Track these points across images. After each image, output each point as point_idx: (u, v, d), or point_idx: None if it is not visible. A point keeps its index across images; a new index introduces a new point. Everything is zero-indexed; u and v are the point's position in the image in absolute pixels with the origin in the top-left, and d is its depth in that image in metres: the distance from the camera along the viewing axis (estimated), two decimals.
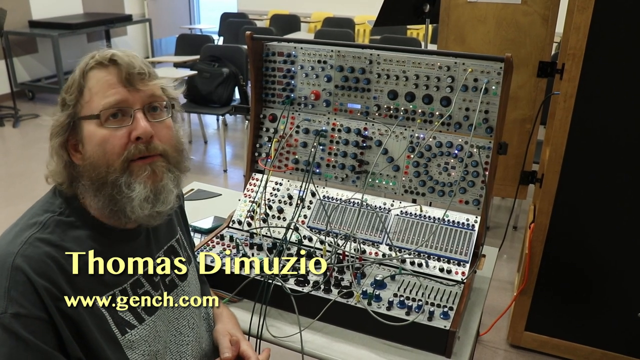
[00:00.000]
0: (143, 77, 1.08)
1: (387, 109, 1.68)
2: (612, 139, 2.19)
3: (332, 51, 1.70)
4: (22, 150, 5.34)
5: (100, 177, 1.05)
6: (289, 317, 1.44)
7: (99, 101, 1.05)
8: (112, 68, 1.07)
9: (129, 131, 1.06)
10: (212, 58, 5.12)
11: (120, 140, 1.05)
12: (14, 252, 0.98)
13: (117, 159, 1.05)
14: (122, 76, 1.06)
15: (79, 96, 1.07)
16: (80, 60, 1.09)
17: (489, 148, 1.58)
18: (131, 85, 1.07)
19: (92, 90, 1.06)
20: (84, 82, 1.07)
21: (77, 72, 1.08)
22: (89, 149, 1.06)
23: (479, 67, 1.55)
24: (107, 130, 1.05)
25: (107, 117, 1.05)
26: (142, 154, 1.07)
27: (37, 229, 1.02)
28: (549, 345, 2.58)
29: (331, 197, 1.72)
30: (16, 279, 0.95)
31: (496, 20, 2.79)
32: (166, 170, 1.11)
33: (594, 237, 2.35)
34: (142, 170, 1.07)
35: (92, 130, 1.06)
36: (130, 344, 1.09)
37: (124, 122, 1.06)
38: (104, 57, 1.07)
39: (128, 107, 1.06)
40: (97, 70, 1.07)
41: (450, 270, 1.51)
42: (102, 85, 1.06)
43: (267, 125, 1.82)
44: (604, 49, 2.08)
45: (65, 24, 6.84)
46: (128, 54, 1.08)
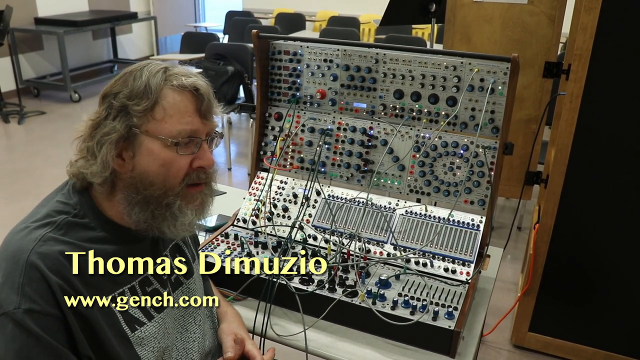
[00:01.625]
0: (211, 111, 1.14)
1: (392, 109, 1.68)
2: (618, 140, 2.18)
3: (338, 50, 1.70)
4: (27, 147, 5.35)
5: (153, 194, 1.08)
6: (293, 315, 1.44)
7: (174, 126, 1.07)
8: (191, 96, 1.09)
9: (193, 159, 1.11)
10: (217, 56, 5.12)
11: (185, 165, 1.10)
12: (28, 249, 0.99)
13: (178, 183, 1.10)
14: (200, 107, 1.10)
15: (149, 110, 1.06)
16: (146, 69, 1.08)
17: (495, 148, 1.57)
18: (204, 118, 1.12)
19: (166, 110, 1.07)
20: (159, 99, 1.07)
21: (152, 85, 1.06)
22: (144, 164, 1.07)
23: (485, 67, 1.54)
24: (173, 153, 1.08)
25: (177, 142, 1.08)
26: (200, 181, 1.14)
27: (50, 229, 1.03)
28: (553, 346, 2.58)
29: (336, 196, 1.72)
30: (30, 275, 0.96)
31: (502, 20, 2.79)
32: (209, 198, 1.18)
33: (598, 238, 2.35)
34: (194, 198, 1.14)
35: (156, 148, 1.07)
36: (140, 341, 1.10)
37: (189, 149, 1.10)
38: (184, 84, 1.08)
39: (198, 138, 1.11)
40: (174, 92, 1.08)
41: (455, 270, 1.51)
42: (179, 109, 1.08)
43: (272, 123, 1.82)
44: (611, 49, 2.07)
45: (71, 21, 6.86)
46: (205, 85, 1.12)
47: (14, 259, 0.98)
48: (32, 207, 1.13)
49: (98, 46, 8.08)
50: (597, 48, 2.07)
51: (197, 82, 1.10)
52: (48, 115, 6.19)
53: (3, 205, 4.04)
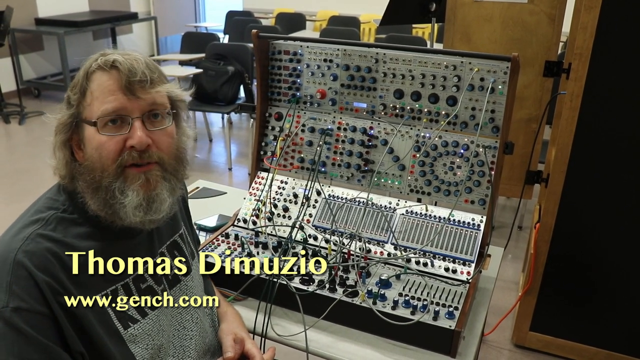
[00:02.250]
0: (144, 85, 1.07)
1: (393, 108, 1.68)
2: (619, 139, 2.18)
3: (338, 50, 1.70)
4: (28, 147, 5.36)
5: (95, 180, 1.06)
6: (293, 315, 1.44)
7: (98, 107, 1.05)
8: (114, 73, 1.06)
9: (125, 139, 1.06)
10: (218, 56, 5.12)
11: (115, 146, 1.06)
12: (16, 248, 0.99)
13: (111, 164, 1.06)
14: (122, 83, 1.05)
15: (81, 97, 1.07)
16: (87, 60, 1.09)
17: (495, 148, 1.57)
18: (131, 93, 1.06)
19: (93, 93, 1.06)
20: (87, 84, 1.07)
21: (82, 73, 1.08)
22: (87, 150, 1.08)
23: (485, 66, 1.54)
24: (104, 136, 1.05)
25: (104, 124, 1.06)
26: (135, 161, 1.07)
27: (39, 225, 1.03)
28: (554, 346, 2.58)
29: (336, 196, 1.72)
30: (18, 273, 0.97)
31: (502, 20, 2.79)
32: (161, 179, 1.11)
33: (599, 237, 2.34)
34: (135, 178, 1.08)
35: (91, 133, 1.07)
36: (133, 338, 1.10)
37: (121, 130, 1.06)
38: (106, 61, 1.06)
39: (126, 115, 1.06)
40: (100, 73, 1.06)
41: (456, 270, 1.51)
42: (103, 90, 1.06)
43: (272, 123, 1.82)
44: (611, 48, 2.07)
45: (71, 21, 6.86)
46: (131, 59, 1.07)
47: (1, 259, 0.99)
48: None
49: (98, 46, 7.98)
50: (597, 47, 2.07)
51: (117, 58, 1.05)
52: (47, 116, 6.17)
53: (3, 205, 4.04)
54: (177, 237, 1.30)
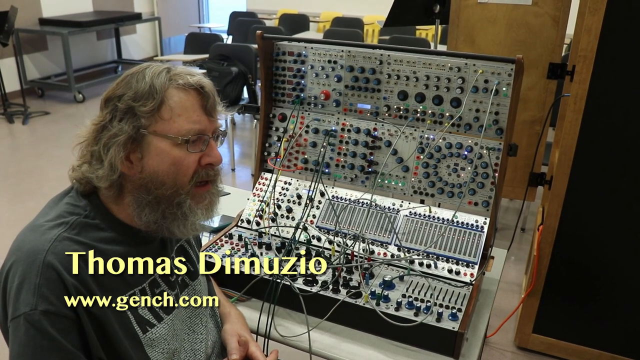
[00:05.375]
0: (216, 108, 1.15)
1: (397, 110, 1.68)
2: (623, 141, 2.17)
3: (342, 51, 1.70)
4: (32, 147, 5.37)
5: (165, 193, 1.08)
6: (297, 316, 1.44)
7: (183, 124, 1.08)
8: (196, 94, 1.10)
9: (201, 156, 1.12)
10: (221, 57, 5.13)
11: (194, 163, 1.11)
12: (44, 249, 0.99)
13: (187, 182, 1.11)
14: (205, 105, 1.11)
15: (156, 111, 1.06)
16: (149, 70, 1.09)
17: (499, 149, 1.57)
18: (209, 115, 1.13)
19: (174, 109, 1.08)
20: (165, 98, 1.07)
21: (157, 85, 1.07)
22: (153, 164, 1.08)
23: (489, 68, 1.54)
24: (183, 152, 1.08)
25: (186, 140, 1.08)
26: (210, 178, 1.15)
27: (64, 228, 1.04)
28: (557, 348, 2.57)
29: (340, 197, 1.72)
30: (47, 276, 0.97)
31: (506, 22, 2.79)
32: (216, 197, 1.19)
33: (603, 239, 2.34)
34: (203, 198, 1.15)
35: (165, 147, 1.07)
36: (151, 342, 1.11)
37: (197, 147, 1.11)
38: (189, 82, 1.09)
39: (205, 135, 1.12)
40: (180, 91, 1.09)
41: (459, 272, 1.51)
42: (186, 108, 1.09)
43: (276, 124, 1.83)
44: (615, 51, 2.07)
45: (75, 21, 6.87)
46: (210, 82, 1.14)
47: (29, 259, 0.98)
48: (37, 208, 1.13)
49: (102, 47, 8.10)
50: (601, 49, 2.07)
51: (201, 80, 1.11)
52: (52, 116, 6.21)
53: (9, 205, 4.04)
54: (184, 242, 1.31)
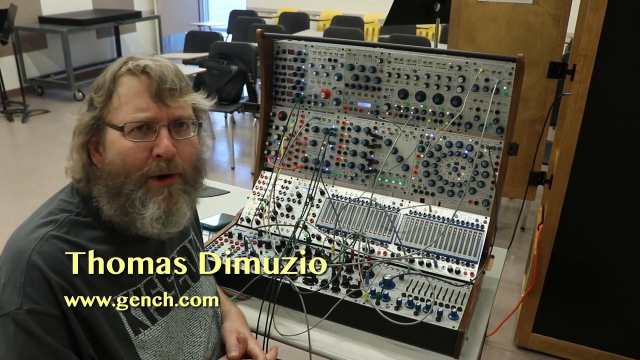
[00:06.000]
0: (173, 93, 1.06)
1: (397, 108, 1.68)
2: (623, 140, 2.17)
3: (342, 49, 1.70)
4: (31, 145, 5.36)
5: (116, 186, 1.04)
6: (297, 315, 1.44)
7: (127, 113, 1.03)
8: (144, 78, 1.04)
9: (151, 147, 1.05)
10: (221, 55, 5.12)
11: (142, 154, 1.04)
12: (29, 248, 0.98)
13: (135, 172, 1.04)
14: (152, 90, 1.04)
15: (107, 100, 1.05)
16: (114, 62, 1.07)
17: (500, 148, 1.57)
18: (160, 101, 1.05)
19: (121, 98, 1.04)
20: (114, 87, 1.04)
21: (109, 75, 1.05)
22: (109, 154, 1.05)
23: (490, 67, 1.54)
24: (130, 142, 1.03)
25: (131, 129, 1.04)
26: (162, 171, 1.06)
27: (53, 227, 1.02)
28: (556, 347, 2.57)
29: (340, 196, 1.71)
30: (31, 275, 0.95)
31: (507, 20, 2.78)
32: (182, 192, 1.10)
33: (603, 239, 2.34)
34: (158, 192, 1.06)
35: (115, 138, 1.04)
36: (143, 344, 1.09)
37: (147, 137, 1.05)
38: (137, 66, 1.04)
39: (154, 123, 1.05)
40: (129, 77, 1.04)
41: (459, 271, 1.50)
42: (132, 95, 1.04)
43: (276, 123, 1.82)
44: (616, 50, 2.06)
45: (75, 20, 6.87)
46: (161, 65, 1.06)
47: (15, 259, 0.97)
48: (36, 206, 1.12)
49: (102, 45, 8.09)
50: (602, 48, 2.07)
51: (148, 64, 1.04)
52: (52, 114, 6.21)
53: (8, 204, 4.04)
54: (186, 243, 1.29)
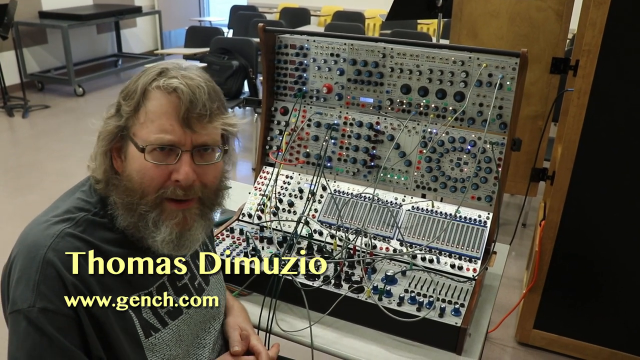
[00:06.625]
0: (202, 119, 1.02)
1: (399, 104, 1.67)
2: (626, 136, 2.16)
3: (345, 44, 1.69)
4: (32, 141, 5.35)
5: (131, 203, 1.02)
6: (298, 311, 1.44)
7: (151, 131, 1.00)
8: (174, 99, 1.00)
9: (171, 170, 1.02)
10: (222, 50, 5.11)
11: (160, 176, 1.01)
12: (45, 245, 0.97)
13: (152, 193, 1.02)
14: (180, 113, 1.00)
15: (134, 112, 1.01)
16: (146, 72, 1.04)
17: (503, 144, 1.56)
18: (187, 126, 1.00)
19: (148, 114, 1.00)
20: (143, 100, 1.01)
21: (140, 86, 1.01)
22: (128, 167, 1.03)
23: (493, 62, 1.53)
24: (149, 162, 1.00)
25: (152, 149, 1.00)
26: (178, 197, 1.03)
27: (69, 225, 1.01)
28: (558, 344, 2.57)
29: (342, 192, 1.71)
30: (46, 273, 0.95)
31: (509, 16, 2.76)
32: (198, 217, 1.08)
33: (605, 235, 2.33)
34: (172, 215, 1.04)
35: (136, 153, 1.01)
36: (152, 347, 1.08)
37: (168, 159, 1.01)
38: (168, 85, 1.00)
39: (177, 147, 1.01)
40: (159, 94, 1.00)
41: (462, 267, 1.50)
42: (159, 114, 1.00)
43: (278, 118, 1.81)
44: (620, 45, 2.05)
45: (75, 15, 6.84)
46: (194, 86, 1.01)
47: (30, 255, 0.96)
48: (37, 201, 1.12)
49: (102, 40, 8.07)
50: (606, 44, 2.05)
51: (179, 85, 0.99)
52: (52, 109, 6.19)
53: (9, 199, 4.02)
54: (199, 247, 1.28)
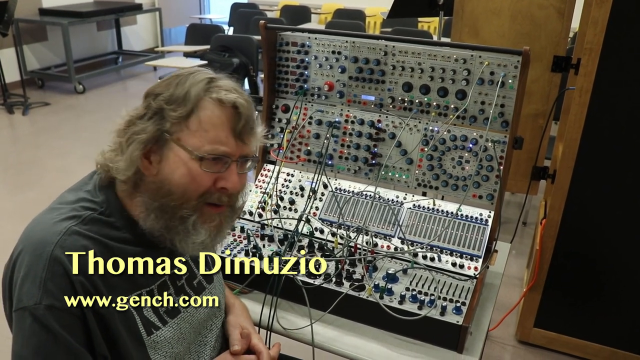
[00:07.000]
0: (252, 133, 1.08)
1: (401, 101, 1.67)
2: (628, 135, 2.16)
3: (346, 42, 1.68)
4: (32, 138, 5.35)
5: (169, 203, 1.04)
6: (299, 309, 1.44)
7: (205, 140, 1.03)
8: (230, 113, 1.04)
9: (218, 178, 1.05)
10: (223, 48, 5.11)
11: (207, 182, 1.05)
12: (52, 242, 0.97)
13: (195, 198, 1.05)
14: (237, 127, 1.04)
15: (184, 119, 1.03)
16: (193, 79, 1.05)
17: (504, 142, 1.56)
18: (240, 139, 1.06)
19: (201, 123, 1.03)
20: (195, 109, 1.03)
21: (193, 93, 1.03)
22: (168, 170, 1.04)
23: (495, 60, 1.53)
24: (198, 167, 1.03)
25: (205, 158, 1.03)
26: (222, 203, 1.08)
27: (76, 222, 1.01)
28: (558, 342, 2.57)
29: (343, 189, 1.70)
30: (54, 270, 0.95)
31: (511, 14, 2.76)
32: (229, 220, 1.13)
33: (606, 234, 2.33)
34: (211, 219, 1.08)
35: (183, 158, 1.03)
36: (155, 345, 1.09)
37: (216, 167, 1.05)
38: (225, 98, 1.03)
39: (227, 157, 1.05)
40: (215, 105, 1.03)
41: (463, 265, 1.50)
42: (215, 125, 1.03)
43: (279, 115, 1.81)
44: (622, 44, 2.05)
45: (76, 12, 6.84)
46: (249, 102, 1.06)
47: (37, 252, 0.97)
48: (37, 199, 1.12)
49: (102, 37, 8.06)
50: (607, 42, 2.05)
51: (238, 100, 1.04)
52: (52, 107, 6.19)
53: (9, 197, 4.02)
54: None
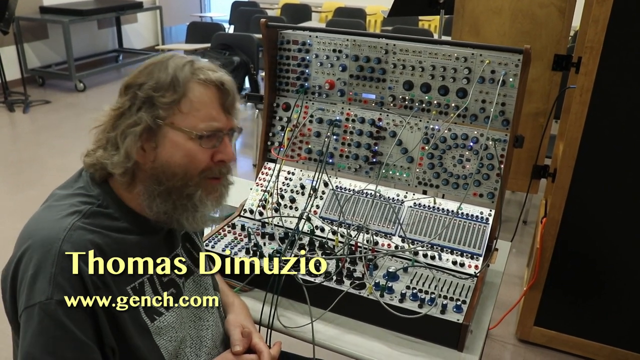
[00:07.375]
0: (235, 105, 1.15)
1: (402, 100, 1.66)
2: (628, 134, 2.16)
3: (347, 40, 1.68)
4: (32, 136, 5.35)
5: (175, 184, 1.09)
6: (300, 307, 1.44)
7: (198, 120, 1.08)
8: (216, 90, 1.10)
9: (214, 152, 1.11)
10: (223, 46, 5.11)
11: (206, 158, 1.10)
12: (59, 238, 0.98)
13: (196, 175, 1.10)
14: (225, 102, 1.11)
15: (175, 103, 1.06)
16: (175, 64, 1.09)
17: (505, 141, 1.56)
18: (228, 113, 1.13)
19: (193, 103, 1.07)
20: (186, 92, 1.07)
21: (180, 78, 1.07)
22: (167, 155, 1.07)
23: (496, 58, 1.53)
24: (197, 146, 1.08)
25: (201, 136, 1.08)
26: (222, 175, 1.16)
27: (78, 217, 1.03)
28: (558, 341, 2.57)
29: (344, 188, 1.70)
30: (62, 265, 0.96)
31: (512, 12, 2.75)
32: (227, 189, 1.21)
33: (606, 233, 2.33)
34: (214, 190, 1.15)
35: (180, 140, 1.07)
36: (159, 331, 1.11)
37: (212, 143, 1.11)
38: (211, 78, 1.09)
39: (221, 132, 1.11)
40: (200, 86, 1.08)
41: (464, 264, 1.50)
42: (205, 104, 1.09)
43: (280, 114, 1.81)
44: (623, 42, 2.05)
45: (76, 10, 6.83)
46: (231, 80, 1.13)
47: (44, 248, 0.97)
48: (37, 197, 1.12)
49: (103, 35, 8.06)
50: (608, 41, 2.05)
51: (223, 77, 1.11)
52: (53, 105, 6.19)
53: (9, 195, 4.03)
54: (191, 233, 1.30)
